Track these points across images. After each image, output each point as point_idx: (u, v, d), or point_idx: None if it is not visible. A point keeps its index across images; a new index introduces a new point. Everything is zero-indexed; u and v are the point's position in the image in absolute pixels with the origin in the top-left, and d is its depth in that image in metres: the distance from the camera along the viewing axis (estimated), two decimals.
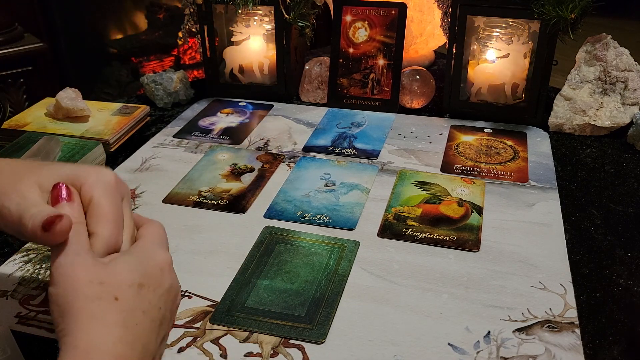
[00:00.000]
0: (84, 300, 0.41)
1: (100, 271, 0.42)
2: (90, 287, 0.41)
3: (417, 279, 0.64)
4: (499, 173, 0.84)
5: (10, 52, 1.59)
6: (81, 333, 0.39)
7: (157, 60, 2.19)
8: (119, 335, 0.40)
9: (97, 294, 0.41)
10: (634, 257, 0.67)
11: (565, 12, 0.86)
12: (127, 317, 0.41)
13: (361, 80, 1.05)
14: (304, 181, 0.82)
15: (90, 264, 0.42)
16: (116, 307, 0.41)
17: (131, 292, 0.42)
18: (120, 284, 0.42)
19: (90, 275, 0.42)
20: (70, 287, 0.41)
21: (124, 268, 0.43)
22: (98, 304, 0.41)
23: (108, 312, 0.41)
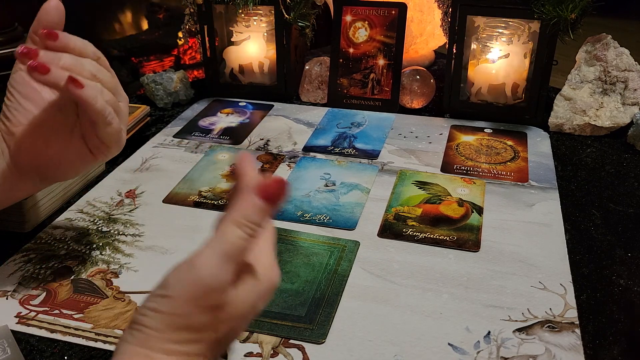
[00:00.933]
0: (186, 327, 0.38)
1: (223, 305, 0.39)
2: (203, 318, 0.38)
3: (417, 279, 0.64)
4: (499, 173, 0.84)
5: (10, 52, 1.59)
6: (161, 350, 0.38)
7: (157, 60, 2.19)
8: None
9: (203, 326, 0.38)
10: (634, 257, 0.67)
11: (565, 12, 0.86)
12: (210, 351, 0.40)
13: (361, 80, 1.05)
14: (304, 181, 0.82)
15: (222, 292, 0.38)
16: (207, 339, 0.39)
17: (230, 327, 0.40)
18: (227, 320, 0.39)
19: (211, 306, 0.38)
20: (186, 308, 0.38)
21: (246, 300, 0.40)
22: (195, 335, 0.38)
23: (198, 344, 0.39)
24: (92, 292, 0.62)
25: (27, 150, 0.54)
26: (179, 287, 0.38)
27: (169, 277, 0.39)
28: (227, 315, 0.39)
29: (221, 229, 0.39)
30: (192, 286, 0.38)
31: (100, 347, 0.55)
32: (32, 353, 0.55)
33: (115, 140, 0.54)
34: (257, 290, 0.41)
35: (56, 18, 0.52)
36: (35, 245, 0.69)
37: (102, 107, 0.51)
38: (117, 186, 0.82)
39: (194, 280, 0.38)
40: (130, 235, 0.71)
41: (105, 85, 0.52)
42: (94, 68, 0.52)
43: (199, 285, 0.38)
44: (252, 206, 0.38)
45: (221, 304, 0.39)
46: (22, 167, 0.55)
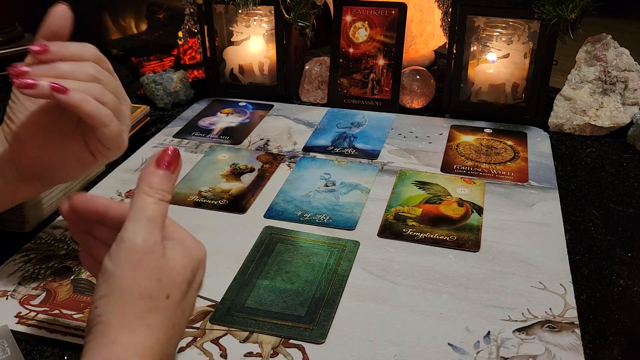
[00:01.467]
0: (138, 297, 0.39)
1: (161, 265, 0.41)
2: (148, 283, 0.40)
3: (417, 279, 0.64)
4: (499, 173, 0.84)
5: (10, 52, 1.59)
6: (123, 329, 0.39)
7: (157, 60, 2.19)
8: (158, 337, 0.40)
9: (151, 292, 0.40)
10: (634, 257, 0.67)
11: (565, 12, 0.86)
12: (170, 318, 0.41)
13: (361, 80, 1.05)
14: (304, 181, 0.82)
15: (156, 254, 0.41)
16: (165, 306, 0.41)
17: (181, 290, 0.42)
18: (174, 282, 0.41)
19: (149, 270, 0.40)
20: (133, 277, 0.40)
21: (180, 262, 0.42)
22: (148, 302, 0.40)
23: (156, 312, 0.40)
24: (92, 292, 0.62)
25: (30, 152, 0.54)
26: (118, 264, 0.40)
27: (104, 264, 0.40)
28: (169, 277, 0.41)
29: (134, 202, 0.42)
30: (130, 255, 0.40)
31: None
32: (32, 353, 0.55)
33: (115, 142, 0.54)
34: (188, 255, 0.43)
35: (63, 22, 0.53)
36: (35, 245, 0.69)
37: (95, 109, 0.51)
38: (117, 186, 0.82)
39: (128, 249, 0.40)
40: None
41: (106, 87, 0.52)
42: (94, 70, 0.52)
43: (135, 251, 0.40)
44: (156, 175, 0.42)
45: (160, 265, 0.41)
46: (25, 169, 0.55)
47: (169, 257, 0.42)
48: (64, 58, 0.50)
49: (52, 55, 0.50)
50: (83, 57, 0.52)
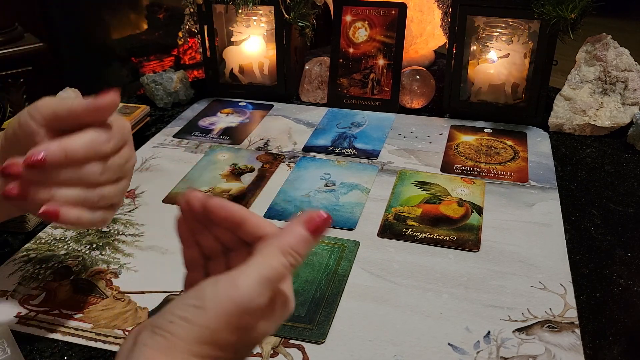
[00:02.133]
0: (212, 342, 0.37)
1: (249, 328, 0.38)
2: (229, 336, 0.37)
3: (417, 279, 0.64)
4: (499, 173, 0.84)
5: (10, 52, 1.59)
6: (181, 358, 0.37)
7: (157, 60, 2.19)
8: None
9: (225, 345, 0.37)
10: (634, 257, 0.67)
11: (565, 12, 0.86)
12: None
13: (361, 80, 1.05)
14: (304, 181, 0.82)
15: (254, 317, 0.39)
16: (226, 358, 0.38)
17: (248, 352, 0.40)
18: (249, 345, 0.39)
19: (240, 329, 0.38)
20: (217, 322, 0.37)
21: (264, 331, 0.40)
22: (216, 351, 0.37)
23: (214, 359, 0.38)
24: (92, 292, 0.62)
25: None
26: (216, 302, 0.37)
27: (205, 289, 0.38)
28: (251, 340, 0.39)
29: (266, 253, 0.39)
30: (229, 303, 0.37)
31: (100, 347, 0.55)
32: (32, 353, 0.55)
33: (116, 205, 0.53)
34: (277, 320, 0.41)
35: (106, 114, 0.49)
36: (35, 245, 0.69)
37: (87, 223, 0.48)
38: None
39: (232, 297, 0.37)
40: (130, 235, 0.71)
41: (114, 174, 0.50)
42: (98, 171, 0.48)
43: (236, 304, 0.37)
44: (299, 237, 0.39)
45: (250, 327, 0.39)
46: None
47: (260, 324, 0.39)
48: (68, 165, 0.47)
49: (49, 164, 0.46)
50: (91, 155, 0.48)
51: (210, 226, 0.44)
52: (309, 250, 0.40)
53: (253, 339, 0.39)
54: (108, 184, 0.49)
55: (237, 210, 0.43)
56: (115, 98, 0.47)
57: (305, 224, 0.40)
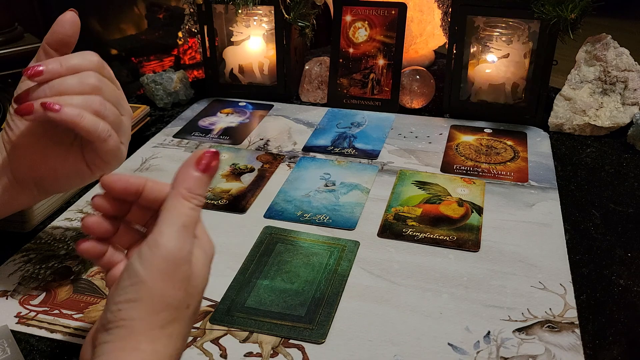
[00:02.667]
0: (165, 307, 0.39)
1: (189, 277, 0.40)
2: (177, 294, 0.39)
3: (417, 279, 0.64)
4: (499, 173, 0.84)
5: (10, 52, 1.59)
6: (147, 338, 0.38)
7: (157, 60, 2.19)
8: (177, 347, 0.40)
9: (178, 303, 0.39)
10: (634, 257, 0.67)
11: (565, 12, 0.86)
12: (187, 327, 0.41)
13: (361, 80, 1.05)
14: (304, 181, 0.82)
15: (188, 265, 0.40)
16: (184, 316, 0.40)
17: (199, 299, 0.42)
18: (197, 293, 0.41)
19: (182, 281, 0.40)
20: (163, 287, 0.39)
21: (202, 271, 0.42)
22: (173, 313, 0.39)
23: (177, 323, 0.40)
24: (92, 292, 0.62)
25: (27, 162, 0.54)
26: (150, 269, 0.39)
27: (133, 265, 0.39)
28: (194, 288, 0.41)
29: (170, 206, 0.41)
30: (163, 263, 0.39)
31: None
32: (32, 353, 0.55)
33: (113, 156, 0.54)
34: (206, 261, 0.43)
35: (70, 31, 0.53)
36: (35, 245, 0.69)
37: (91, 125, 0.50)
38: None
39: (163, 256, 0.39)
40: None
41: (106, 97, 0.51)
42: (94, 80, 0.51)
43: (169, 260, 0.39)
44: (194, 179, 0.41)
45: (189, 275, 0.40)
46: (22, 178, 0.55)
47: (195, 267, 0.41)
48: (61, 74, 0.50)
49: (48, 74, 0.49)
50: (82, 68, 0.51)
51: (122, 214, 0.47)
52: (207, 187, 0.42)
53: (197, 286, 0.41)
54: (108, 97, 0.52)
55: (134, 179, 0.45)
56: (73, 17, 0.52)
57: (196, 165, 0.42)
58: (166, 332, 0.39)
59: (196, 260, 0.41)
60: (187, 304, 0.40)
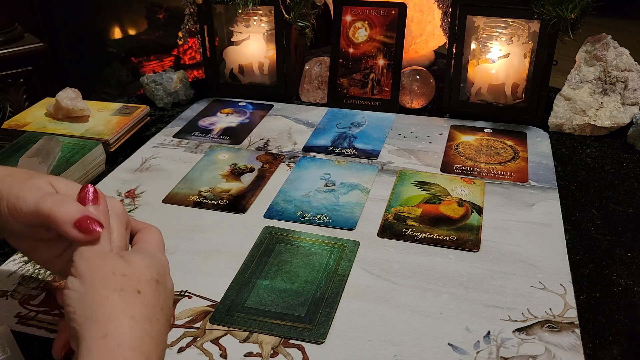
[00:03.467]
0: (110, 290, 0.41)
1: (123, 264, 0.43)
2: (114, 278, 0.42)
3: (417, 279, 0.64)
4: (499, 173, 0.84)
5: (10, 52, 1.59)
6: (110, 324, 0.40)
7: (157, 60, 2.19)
8: (146, 329, 0.41)
9: (120, 285, 0.42)
10: (634, 257, 0.67)
11: (565, 12, 0.86)
12: (150, 312, 0.42)
13: (361, 80, 1.05)
14: (304, 181, 0.82)
15: (113, 257, 0.44)
16: (140, 300, 0.42)
17: (151, 287, 0.44)
18: (141, 278, 0.43)
19: (113, 267, 0.43)
20: (96, 277, 0.42)
21: (142, 264, 0.44)
22: (121, 294, 0.41)
23: (133, 304, 0.41)
24: None
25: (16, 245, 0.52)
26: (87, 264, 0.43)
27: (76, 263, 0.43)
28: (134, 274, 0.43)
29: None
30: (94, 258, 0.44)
31: None
32: (32, 353, 0.55)
33: None
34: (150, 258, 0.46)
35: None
36: None
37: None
38: (117, 186, 0.82)
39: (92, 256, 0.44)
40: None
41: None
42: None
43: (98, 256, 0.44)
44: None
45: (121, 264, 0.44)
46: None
47: (129, 259, 0.44)
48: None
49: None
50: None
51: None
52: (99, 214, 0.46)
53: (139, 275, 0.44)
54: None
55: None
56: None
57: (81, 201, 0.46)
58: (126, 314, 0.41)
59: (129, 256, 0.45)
60: (136, 289, 0.43)
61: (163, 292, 0.45)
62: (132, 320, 0.41)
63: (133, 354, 0.39)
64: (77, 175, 0.81)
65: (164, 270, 0.47)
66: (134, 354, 0.39)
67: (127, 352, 0.39)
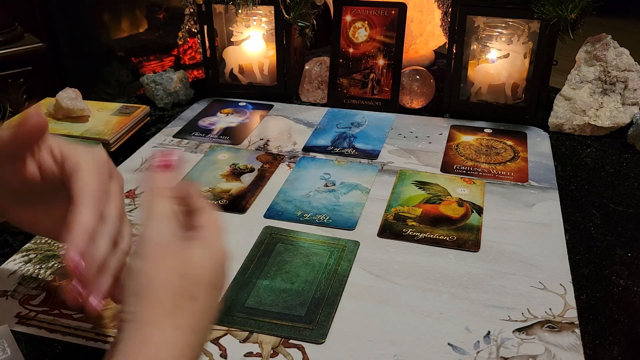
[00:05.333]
0: (164, 292, 0.39)
1: (183, 261, 0.41)
2: (173, 278, 0.40)
3: (417, 279, 0.64)
4: (499, 173, 0.84)
5: (10, 52, 1.59)
6: (155, 328, 0.38)
7: (157, 60, 2.19)
8: (189, 341, 0.39)
9: (177, 288, 0.40)
10: (634, 257, 0.67)
11: (565, 12, 0.86)
12: (197, 320, 0.40)
13: (361, 80, 1.05)
14: (304, 181, 0.82)
15: (178, 248, 0.42)
16: (191, 307, 0.40)
17: (207, 292, 0.42)
18: (200, 282, 0.41)
19: (175, 263, 0.41)
20: (158, 270, 0.40)
21: (203, 263, 0.42)
22: (176, 300, 0.39)
23: (182, 312, 0.40)
24: None
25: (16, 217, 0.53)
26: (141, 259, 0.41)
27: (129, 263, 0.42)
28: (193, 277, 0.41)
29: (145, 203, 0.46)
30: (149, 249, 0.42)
31: (100, 347, 0.55)
32: (32, 353, 0.55)
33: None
34: (211, 257, 0.43)
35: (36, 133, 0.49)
36: (35, 245, 0.69)
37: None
38: None
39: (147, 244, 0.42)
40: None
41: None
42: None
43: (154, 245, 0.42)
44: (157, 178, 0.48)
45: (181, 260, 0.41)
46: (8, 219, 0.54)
47: (190, 255, 0.42)
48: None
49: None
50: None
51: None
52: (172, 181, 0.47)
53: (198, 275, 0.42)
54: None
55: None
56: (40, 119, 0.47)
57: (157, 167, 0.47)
58: (172, 322, 0.39)
59: (191, 250, 0.42)
60: (190, 294, 0.40)
61: (217, 297, 0.43)
62: (177, 330, 0.39)
63: None
64: None
65: (223, 263, 0.44)
66: None
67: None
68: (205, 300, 0.41)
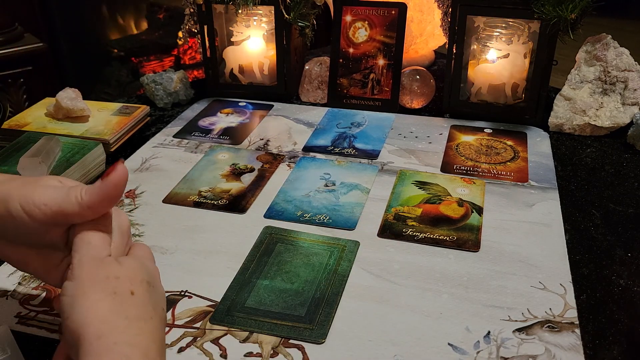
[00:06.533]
0: (103, 293, 0.42)
1: (116, 266, 0.44)
2: (107, 281, 0.42)
3: (417, 279, 0.64)
4: (499, 173, 0.84)
5: (10, 52, 1.59)
6: (105, 325, 0.40)
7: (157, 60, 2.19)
8: (140, 327, 0.42)
9: (113, 287, 0.42)
10: (634, 257, 0.67)
11: (565, 12, 0.86)
12: (143, 311, 0.43)
13: (361, 80, 1.05)
14: (304, 181, 0.82)
15: (108, 261, 0.44)
16: (133, 301, 0.43)
17: (143, 287, 0.44)
18: (134, 279, 0.44)
19: (107, 271, 0.43)
20: (89, 282, 0.42)
21: (134, 266, 0.45)
22: (115, 297, 0.42)
23: (127, 306, 0.42)
24: None
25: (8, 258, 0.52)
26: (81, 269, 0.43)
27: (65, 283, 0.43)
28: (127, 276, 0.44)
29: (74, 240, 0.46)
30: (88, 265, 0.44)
31: None
32: (32, 353, 0.55)
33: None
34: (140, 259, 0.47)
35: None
36: None
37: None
38: None
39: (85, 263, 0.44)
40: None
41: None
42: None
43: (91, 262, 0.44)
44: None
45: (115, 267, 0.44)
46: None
47: (121, 261, 0.45)
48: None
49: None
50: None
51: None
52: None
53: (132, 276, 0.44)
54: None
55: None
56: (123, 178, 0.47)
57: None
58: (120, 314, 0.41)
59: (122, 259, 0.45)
60: (129, 290, 0.43)
61: (154, 294, 0.45)
62: (126, 320, 0.41)
63: (131, 349, 0.40)
64: (77, 175, 0.81)
65: (155, 275, 0.47)
66: (131, 349, 0.40)
67: (125, 348, 0.39)
68: (145, 293, 0.44)
